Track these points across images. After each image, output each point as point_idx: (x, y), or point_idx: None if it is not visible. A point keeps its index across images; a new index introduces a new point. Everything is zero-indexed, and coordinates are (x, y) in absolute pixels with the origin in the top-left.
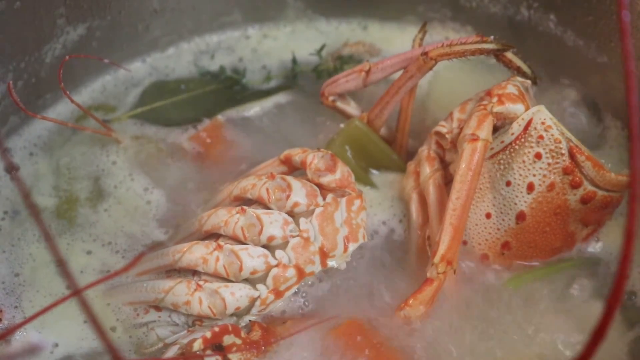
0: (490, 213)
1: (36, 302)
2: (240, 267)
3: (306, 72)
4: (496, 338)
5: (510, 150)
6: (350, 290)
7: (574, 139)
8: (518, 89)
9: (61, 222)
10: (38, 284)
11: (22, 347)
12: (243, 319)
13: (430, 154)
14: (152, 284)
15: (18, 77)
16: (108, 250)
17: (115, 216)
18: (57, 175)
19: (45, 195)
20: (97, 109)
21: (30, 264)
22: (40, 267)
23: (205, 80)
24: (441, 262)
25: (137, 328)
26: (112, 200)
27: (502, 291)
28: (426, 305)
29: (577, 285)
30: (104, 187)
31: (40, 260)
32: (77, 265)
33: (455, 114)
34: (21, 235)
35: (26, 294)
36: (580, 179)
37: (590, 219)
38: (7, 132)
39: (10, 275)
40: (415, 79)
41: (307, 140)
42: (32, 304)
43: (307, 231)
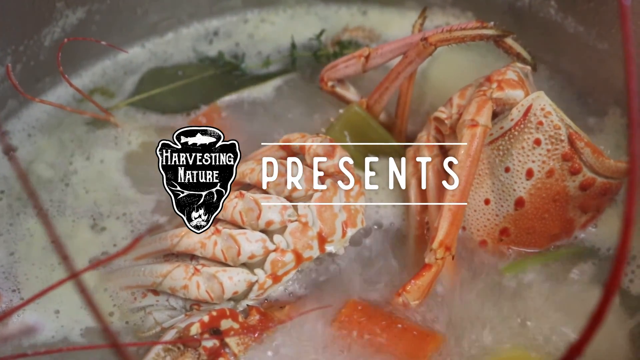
0: (489, 199)
1: (31, 275)
2: (238, 251)
3: (305, 57)
4: (494, 324)
5: (509, 136)
6: (349, 275)
7: (573, 125)
8: (518, 75)
9: (63, 195)
10: (33, 257)
11: (18, 328)
12: (241, 304)
13: (430, 140)
14: (149, 268)
15: (17, 61)
16: (117, 223)
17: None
18: (60, 149)
19: (49, 166)
20: (95, 92)
21: (27, 239)
22: (36, 242)
23: (203, 66)
24: (440, 247)
25: (135, 312)
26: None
27: (500, 277)
28: (424, 291)
29: (577, 271)
30: (101, 168)
31: (38, 236)
32: (82, 240)
33: (455, 99)
34: (20, 211)
35: (21, 268)
36: (579, 165)
37: (589, 205)
38: (6, 115)
39: (7, 257)
40: (414, 65)
41: (305, 125)
42: (27, 277)
43: (306, 216)
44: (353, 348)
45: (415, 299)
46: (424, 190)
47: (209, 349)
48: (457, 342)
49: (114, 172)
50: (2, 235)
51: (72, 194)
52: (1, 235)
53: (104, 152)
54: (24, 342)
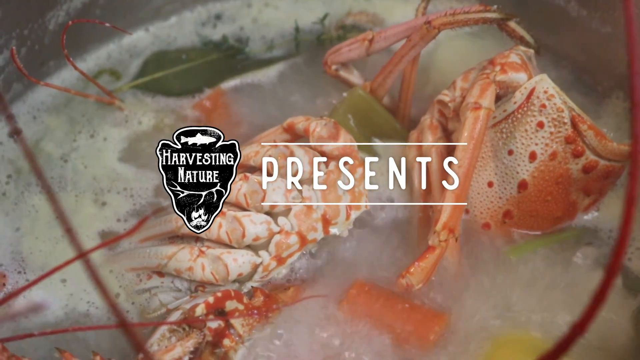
0: (492, 182)
1: (35, 249)
2: (243, 233)
3: (309, 41)
4: (498, 305)
5: (512, 119)
6: (352, 257)
7: (576, 108)
8: (521, 58)
9: (63, 171)
10: (38, 231)
11: (26, 306)
12: (245, 285)
13: (433, 123)
14: (155, 250)
15: (21, 44)
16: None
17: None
18: (70, 126)
19: (55, 144)
20: (103, 73)
21: (32, 215)
22: (41, 217)
23: (207, 50)
24: (443, 230)
25: (140, 294)
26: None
27: (503, 260)
28: (428, 273)
29: (580, 254)
30: (103, 145)
31: (43, 211)
32: (86, 215)
33: (458, 82)
34: (24, 189)
35: (26, 243)
36: (582, 148)
37: (592, 188)
38: (11, 99)
39: (13, 235)
40: (418, 48)
41: (309, 109)
42: (31, 251)
43: (310, 198)
44: (360, 328)
45: (418, 281)
46: (428, 172)
47: (214, 330)
48: (461, 322)
49: (115, 151)
50: (8, 215)
51: (71, 169)
52: (7, 215)
53: (109, 131)
54: (33, 319)
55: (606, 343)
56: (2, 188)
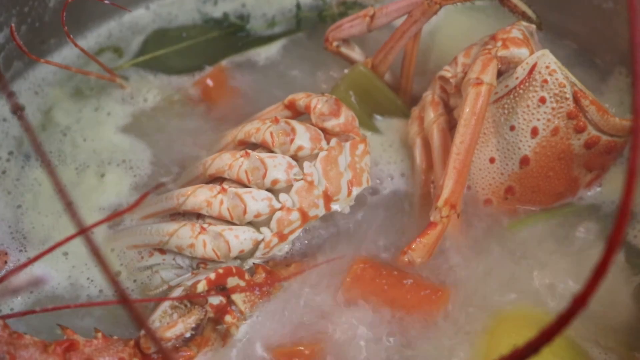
0: (494, 158)
1: (37, 223)
2: (244, 210)
3: (310, 18)
4: (500, 280)
5: (514, 94)
6: (354, 234)
7: (578, 83)
8: (523, 34)
9: (61, 145)
10: (40, 206)
11: (27, 280)
12: (247, 262)
13: (435, 99)
14: (156, 227)
15: (21, 22)
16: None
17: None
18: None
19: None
20: (107, 50)
21: (35, 189)
22: (44, 191)
23: (207, 27)
24: (445, 205)
25: (142, 271)
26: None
27: (505, 235)
28: (430, 249)
29: (582, 229)
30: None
31: (45, 185)
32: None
33: (460, 58)
34: (24, 163)
35: (28, 218)
36: (584, 123)
37: (594, 164)
38: (11, 76)
39: (14, 212)
40: (419, 24)
41: (310, 85)
42: (33, 226)
43: (311, 175)
44: (364, 303)
45: (420, 257)
46: (429, 149)
47: (216, 306)
48: (463, 298)
49: (115, 125)
50: (10, 193)
51: (70, 143)
52: (9, 194)
53: (113, 106)
54: (35, 292)
55: (609, 319)
56: (2, 165)
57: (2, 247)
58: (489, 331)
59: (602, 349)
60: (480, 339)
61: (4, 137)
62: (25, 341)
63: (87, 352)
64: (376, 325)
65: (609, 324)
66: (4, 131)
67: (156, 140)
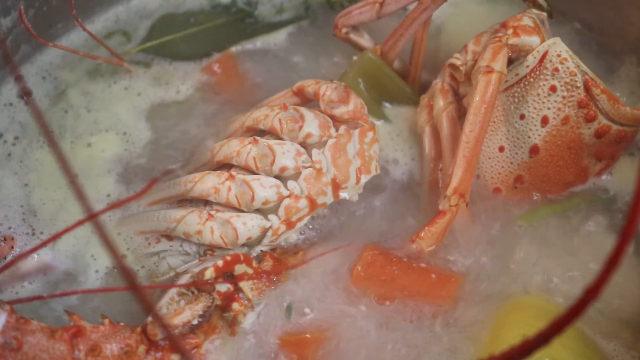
0: (504, 146)
1: (47, 199)
2: (252, 197)
3: (319, 4)
4: (509, 269)
5: (525, 82)
6: (362, 222)
7: (589, 72)
8: (534, 21)
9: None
10: (46, 183)
11: (35, 266)
12: (254, 249)
13: (444, 87)
14: (164, 213)
15: (29, 6)
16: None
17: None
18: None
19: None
20: (116, 34)
21: (38, 168)
22: (46, 169)
23: (215, 13)
24: (454, 194)
25: (149, 257)
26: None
27: (514, 226)
28: (438, 238)
29: (592, 219)
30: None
31: (47, 163)
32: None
33: (470, 46)
34: (27, 146)
35: (36, 195)
36: (595, 112)
37: (604, 153)
38: (19, 60)
39: (22, 192)
40: (429, 11)
41: (319, 72)
42: (43, 202)
43: (320, 162)
44: (373, 291)
45: (429, 246)
46: (438, 137)
47: (223, 294)
48: (472, 287)
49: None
50: (17, 173)
51: (72, 116)
52: (15, 174)
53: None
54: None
55: (618, 310)
56: (8, 149)
57: (9, 232)
58: (499, 320)
59: (611, 340)
60: (489, 329)
61: (10, 122)
62: (32, 327)
63: (94, 338)
64: (384, 312)
65: (618, 316)
66: (10, 116)
67: (161, 124)
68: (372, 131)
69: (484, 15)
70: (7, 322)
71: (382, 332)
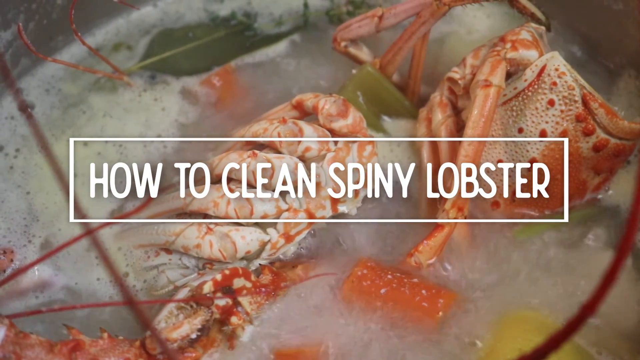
0: (502, 160)
1: (49, 202)
2: (251, 210)
3: (318, 17)
4: (506, 284)
5: (523, 96)
6: (361, 236)
7: (587, 86)
8: (532, 35)
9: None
10: (47, 187)
11: (33, 282)
12: (253, 263)
13: (443, 100)
14: (162, 226)
15: (29, 19)
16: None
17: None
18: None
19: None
20: (120, 47)
21: (38, 173)
22: (46, 173)
23: (214, 27)
24: (452, 208)
25: (148, 271)
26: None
27: (512, 240)
28: (436, 252)
29: (591, 234)
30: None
31: (46, 167)
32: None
33: (468, 59)
34: (27, 155)
35: (38, 200)
36: (593, 126)
37: (603, 167)
38: (19, 73)
39: (27, 205)
40: (428, 25)
41: (318, 85)
42: (46, 206)
43: (319, 176)
44: (367, 305)
45: (427, 259)
46: (437, 150)
47: (222, 308)
48: (469, 301)
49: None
50: (20, 186)
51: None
52: (18, 187)
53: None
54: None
55: (615, 325)
56: (10, 162)
57: (8, 245)
58: (495, 335)
59: (608, 354)
60: (485, 343)
61: (12, 135)
62: (31, 341)
63: (93, 352)
64: (379, 327)
65: (616, 330)
66: (11, 129)
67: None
68: (371, 145)
69: (482, 29)
70: (6, 336)
71: (377, 345)
